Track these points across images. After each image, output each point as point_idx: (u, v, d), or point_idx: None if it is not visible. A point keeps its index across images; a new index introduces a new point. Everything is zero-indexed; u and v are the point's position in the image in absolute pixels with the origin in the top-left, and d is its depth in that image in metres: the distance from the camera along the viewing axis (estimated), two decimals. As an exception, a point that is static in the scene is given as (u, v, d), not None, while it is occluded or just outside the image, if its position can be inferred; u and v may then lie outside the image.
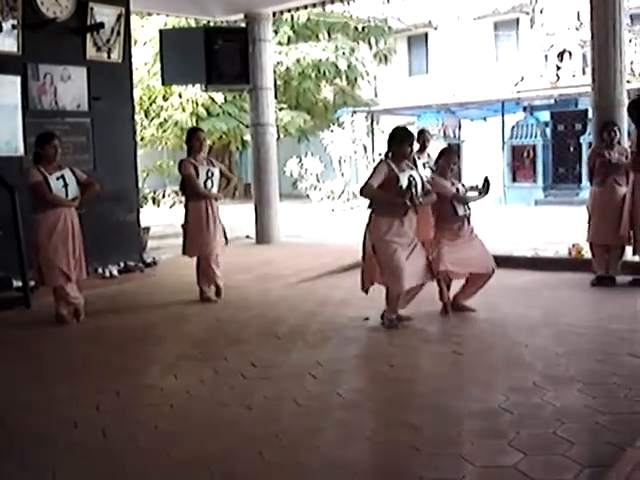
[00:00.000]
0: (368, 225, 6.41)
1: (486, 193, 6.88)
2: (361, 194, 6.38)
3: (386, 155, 6.39)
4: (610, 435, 3.81)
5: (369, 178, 6.26)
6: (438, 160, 7.00)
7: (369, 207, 6.44)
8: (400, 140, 6.36)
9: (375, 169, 6.33)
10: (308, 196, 21.99)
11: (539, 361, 5.27)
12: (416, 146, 9.58)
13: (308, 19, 25.79)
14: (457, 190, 6.77)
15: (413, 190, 6.17)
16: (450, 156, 6.93)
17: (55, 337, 6.61)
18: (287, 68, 24.85)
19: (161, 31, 13.30)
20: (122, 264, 9.54)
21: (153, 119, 24.10)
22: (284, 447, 3.89)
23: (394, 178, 6.18)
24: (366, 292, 6.61)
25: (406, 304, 6.62)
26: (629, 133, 8.99)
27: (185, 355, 5.82)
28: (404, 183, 6.17)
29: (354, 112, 24.20)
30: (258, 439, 3.98)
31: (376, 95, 30.17)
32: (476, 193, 6.93)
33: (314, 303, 7.56)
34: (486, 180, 6.87)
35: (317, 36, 26.96)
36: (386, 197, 6.21)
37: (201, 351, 5.93)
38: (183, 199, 8.03)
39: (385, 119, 26.19)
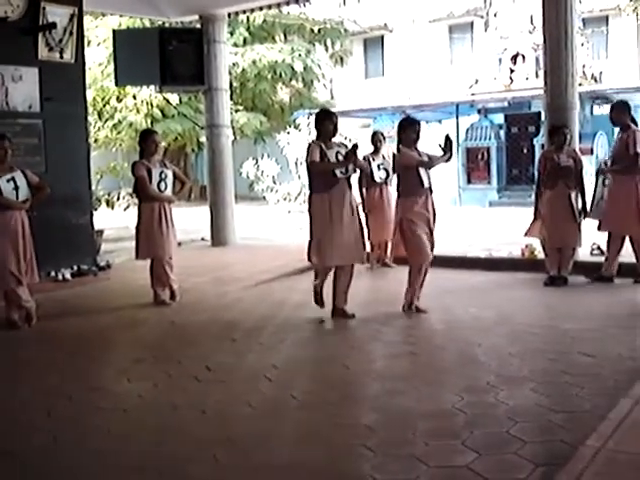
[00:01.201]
0: (309, 204, 6.79)
1: (450, 152, 6.86)
2: (309, 170, 6.74)
3: (316, 138, 6.78)
4: (563, 433, 3.85)
5: (310, 157, 6.57)
6: (400, 133, 6.93)
7: (309, 187, 6.85)
8: (322, 119, 6.81)
9: (309, 150, 6.63)
10: (264, 198, 21.88)
11: (493, 361, 5.32)
12: (370, 148, 9.72)
13: (264, 21, 25.75)
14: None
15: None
16: (412, 126, 6.92)
17: (6, 341, 6.49)
18: (243, 69, 24.78)
19: (115, 31, 13.19)
20: (75, 267, 9.39)
21: (107, 120, 23.83)
22: (238, 450, 3.86)
23: (324, 157, 6.57)
24: (309, 260, 6.83)
25: (343, 296, 6.83)
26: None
27: (138, 359, 5.76)
28: (332, 159, 6.58)
29: (310, 114, 24.16)
30: (212, 442, 3.94)
31: (332, 97, 30.22)
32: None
33: (270, 305, 7.53)
34: (447, 138, 6.87)
35: (273, 38, 26.94)
36: (329, 166, 6.57)
37: (155, 355, 5.87)
38: (137, 201, 7.94)
39: (341, 121, 26.12)
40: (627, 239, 8.07)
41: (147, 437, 4.09)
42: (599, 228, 8.18)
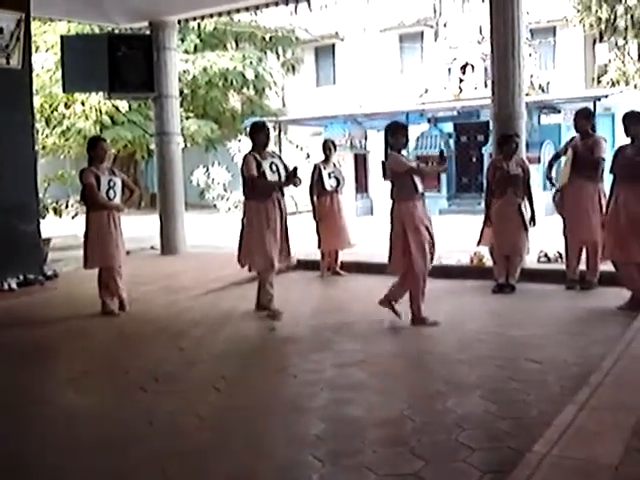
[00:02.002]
0: (243, 211, 7.40)
1: (445, 165, 7.21)
2: (244, 178, 7.22)
3: (252, 149, 7.28)
4: (510, 440, 3.88)
5: (247, 171, 7.15)
6: (388, 138, 6.80)
7: (243, 194, 7.42)
8: (256, 131, 7.35)
9: (247, 162, 7.18)
10: (215, 206, 21.81)
11: (442, 368, 5.36)
12: (321, 156, 9.74)
13: (215, 28, 25.68)
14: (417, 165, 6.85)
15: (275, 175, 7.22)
16: (401, 130, 6.86)
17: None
18: (194, 77, 24.66)
19: (62, 37, 13.01)
20: (21, 277, 9.22)
21: (55, 127, 23.50)
22: (186, 462, 3.81)
23: (259, 167, 7.15)
24: (242, 266, 7.44)
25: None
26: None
27: (85, 370, 5.66)
28: (266, 169, 7.14)
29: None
30: (160, 455, 3.90)
31: (284, 105, 30.25)
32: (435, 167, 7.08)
33: (219, 314, 7.48)
34: (441, 152, 7.11)
35: (224, 45, 26.88)
36: (269, 184, 7.20)
37: (102, 366, 5.79)
38: (85, 209, 7.83)
39: (293, 129, 26.27)
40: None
41: (94, 450, 4.02)
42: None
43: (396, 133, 6.81)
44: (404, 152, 6.87)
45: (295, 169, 7.20)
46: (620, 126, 7.08)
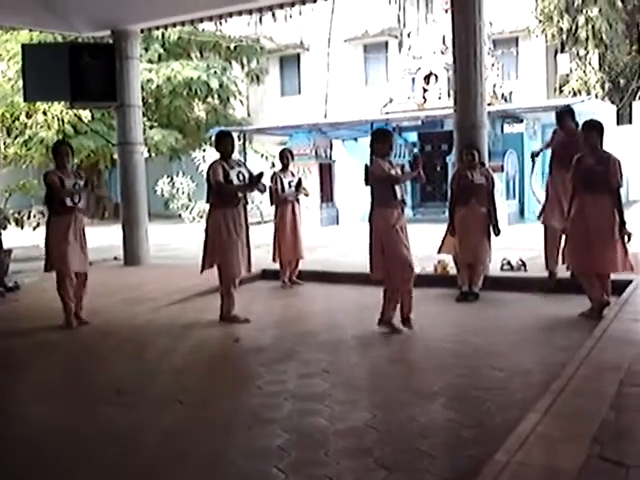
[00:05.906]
0: (208, 218, 7.45)
1: (417, 171, 6.95)
2: (210, 187, 7.31)
3: (219, 158, 7.39)
4: (472, 448, 3.90)
5: (214, 177, 7.22)
6: (373, 144, 6.84)
7: (207, 201, 7.47)
8: (220, 140, 7.46)
9: (213, 169, 7.28)
10: (180, 216, 21.67)
11: (406, 376, 5.37)
12: (279, 165, 9.79)
13: (179, 37, 25.58)
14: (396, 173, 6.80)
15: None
16: (385, 137, 6.87)
17: None
18: (158, 86, 24.50)
19: (23, 46, 12.87)
20: (-19, 289, 9.09)
21: (17, 137, 23.21)
22: (148, 477, 3.77)
23: (227, 175, 7.25)
24: (202, 271, 7.51)
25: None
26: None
27: (46, 384, 5.58)
28: (234, 178, 7.26)
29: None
30: (121, 469, 3.85)
31: (249, 115, 30.21)
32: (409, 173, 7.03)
33: (183, 326, 7.40)
34: (415, 157, 7.15)
35: (188, 54, 26.78)
36: (233, 189, 7.29)
37: (64, 379, 5.71)
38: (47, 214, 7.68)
39: (258, 139, 26.23)
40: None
41: (55, 465, 3.96)
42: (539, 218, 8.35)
43: (380, 140, 6.84)
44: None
45: (260, 174, 7.30)
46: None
